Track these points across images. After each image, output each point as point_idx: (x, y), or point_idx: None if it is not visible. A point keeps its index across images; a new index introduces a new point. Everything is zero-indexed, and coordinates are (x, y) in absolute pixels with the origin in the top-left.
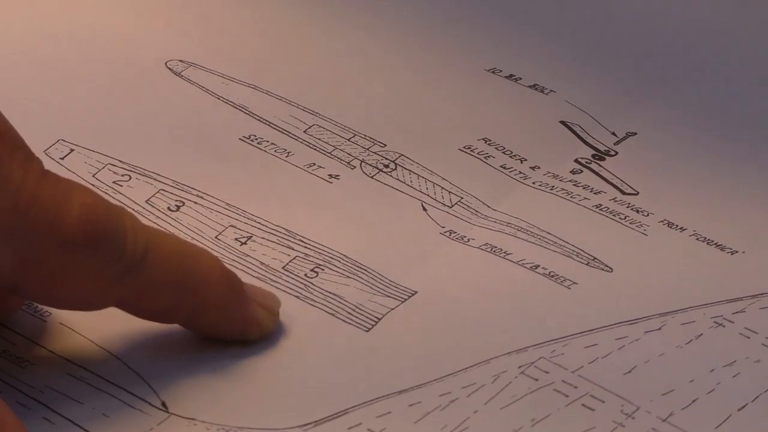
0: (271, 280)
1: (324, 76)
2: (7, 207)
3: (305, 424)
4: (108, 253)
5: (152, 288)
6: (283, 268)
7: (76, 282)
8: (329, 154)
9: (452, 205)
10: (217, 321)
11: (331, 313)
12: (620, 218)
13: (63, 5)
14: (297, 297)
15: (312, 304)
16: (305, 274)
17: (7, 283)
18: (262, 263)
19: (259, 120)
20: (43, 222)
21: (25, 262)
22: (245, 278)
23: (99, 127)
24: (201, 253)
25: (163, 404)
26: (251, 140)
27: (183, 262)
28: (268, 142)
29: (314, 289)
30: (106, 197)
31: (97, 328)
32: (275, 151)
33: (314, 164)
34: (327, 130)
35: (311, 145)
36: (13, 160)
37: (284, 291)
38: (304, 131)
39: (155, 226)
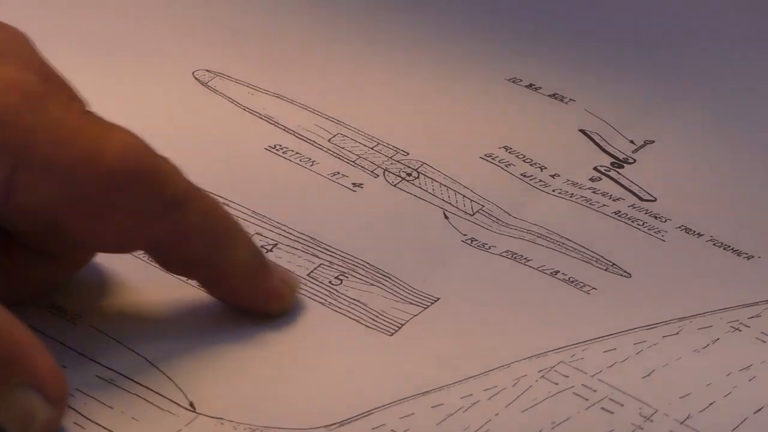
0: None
1: (347, 85)
2: (47, 140)
3: (331, 425)
4: (146, 191)
5: (185, 237)
6: (308, 275)
7: (112, 218)
8: (353, 163)
9: (474, 213)
10: (239, 286)
11: (355, 320)
12: (638, 224)
13: (90, 15)
14: (322, 303)
15: (337, 311)
16: (330, 282)
17: (48, 217)
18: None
19: (284, 129)
20: (83, 155)
21: (65, 195)
22: None
23: None
24: (233, 219)
25: (191, 404)
26: (276, 150)
27: (218, 219)
28: (293, 151)
29: (339, 296)
30: None
31: (126, 330)
32: (300, 160)
33: (338, 173)
34: (351, 138)
35: (335, 154)
36: (56, 98)
37: (309, 297)
38: (329, 140)
39: None
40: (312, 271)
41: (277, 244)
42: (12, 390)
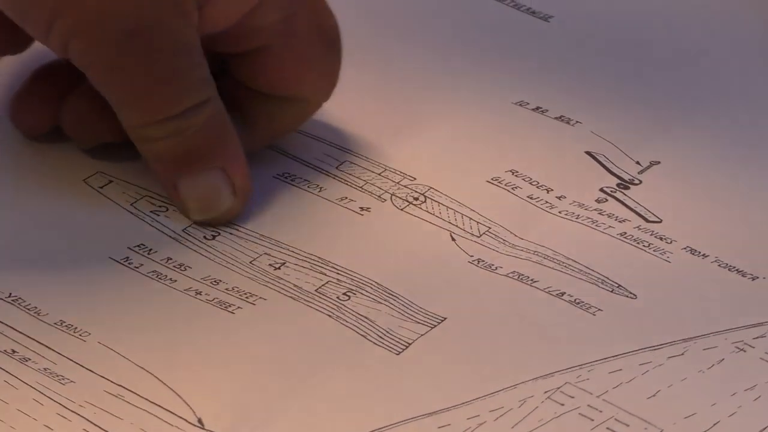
0: (305, 300)
1: (355, 112)
2: None
3: None
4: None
5: None
6: (316, 290)
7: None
8: (360, 189)
9: (480, 235)
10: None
11: (362, 335)
12: (644, 246)
13: None
14: (329, 316)
15: (344, 324)
16: (338, 297)
17: (265, 41)
18: (295, 286)
19: (292, 158)
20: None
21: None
22: (279, 299)
23: (137, 162)
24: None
25: (200, 421)
26: (285, 177)
27: None
28: (301, 178)
29: (346, 311)
30: (143, 225)
31: (134, 346)
32: (308, 186)
33: (346, 198)
34: (358, 165)
35: (343, 180)
36: None
37: (317, 310)
38: (336, 167)
39: (191, 251)
40: (320, 287)
41: (285, 263)
42: (207, 171)
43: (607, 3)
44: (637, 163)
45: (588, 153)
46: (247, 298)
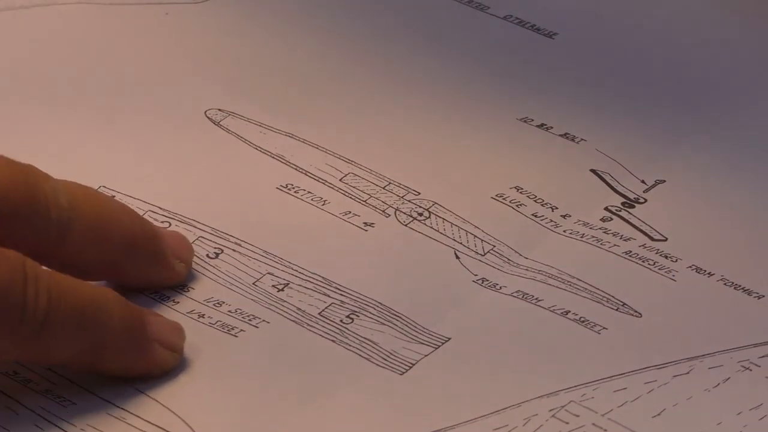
0: (308, 325)
1: (359, 125)
2: None
3: None
4: (9, 318)
5: (56, 343)
6: (319, 314)
7: None
8: (364, 203)
9: (485, 253)
10: (117, 366)
11: (366, 358)
12: (649, 264)
13: (104, 55)
14: (333, 341)
15: (347, 348)
16: (341, 320)
17: None
18: (298, 309)
19: (295, 169)
20: None
21: None
22: (282, 322)
23: (140, 175)
24: (104, 296)
25: None
26: (288, 189)
27: (86, 310)
28: (304, 190)
29: (350, 335)
30: None
31: None
32: (312, 199)
33: (350, 212)
34: (362, 178)
35: (347, 194)
36: None
37: (320, 335)
38: (340, 179)
39: (193, 271)
40: (323, 310)
41: (288, 284)
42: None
43: (611, 20)
44: (642, 181)
45: (593, 171)
46: (250, 320)
